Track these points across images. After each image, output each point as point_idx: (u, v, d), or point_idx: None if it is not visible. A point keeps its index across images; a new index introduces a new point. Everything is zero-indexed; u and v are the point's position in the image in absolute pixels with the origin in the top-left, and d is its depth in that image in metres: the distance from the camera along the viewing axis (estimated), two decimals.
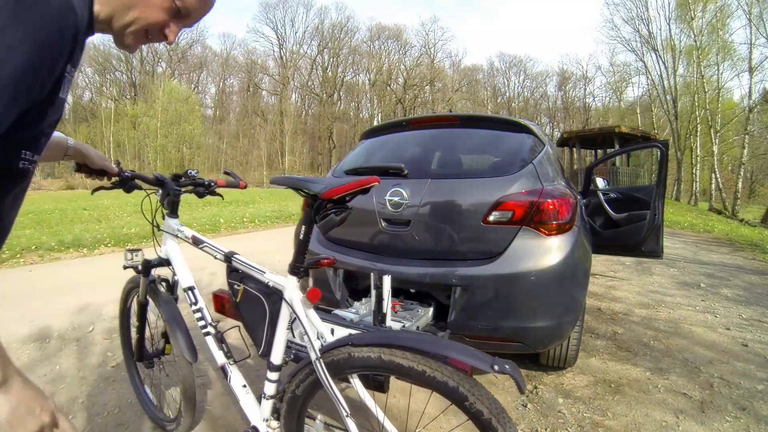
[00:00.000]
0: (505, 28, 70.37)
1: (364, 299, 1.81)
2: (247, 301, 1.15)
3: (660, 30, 24.45)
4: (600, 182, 3.81)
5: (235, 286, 1.18)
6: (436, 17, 62.95)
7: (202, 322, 1.25)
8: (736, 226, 11.23)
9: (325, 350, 0.95)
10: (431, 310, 1.83)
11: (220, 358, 1.23)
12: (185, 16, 0.70)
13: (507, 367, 0.77)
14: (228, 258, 1.17)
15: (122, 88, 36.70)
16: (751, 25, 17.12)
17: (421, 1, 67.63)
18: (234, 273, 1.19)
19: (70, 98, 37.94)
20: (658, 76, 24.62)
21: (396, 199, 1.88)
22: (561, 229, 1.72)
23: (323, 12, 41.64)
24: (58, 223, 7.65)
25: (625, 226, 3.24)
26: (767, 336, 2.73)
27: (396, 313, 1.70)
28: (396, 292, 1.87)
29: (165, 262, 1.37)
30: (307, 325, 0.97)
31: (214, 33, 71.82)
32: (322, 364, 0.93)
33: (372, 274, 1.46)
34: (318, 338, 0.99)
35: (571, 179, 4.83)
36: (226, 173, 1.60)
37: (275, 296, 1.08)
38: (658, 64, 24.35)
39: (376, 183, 0.99)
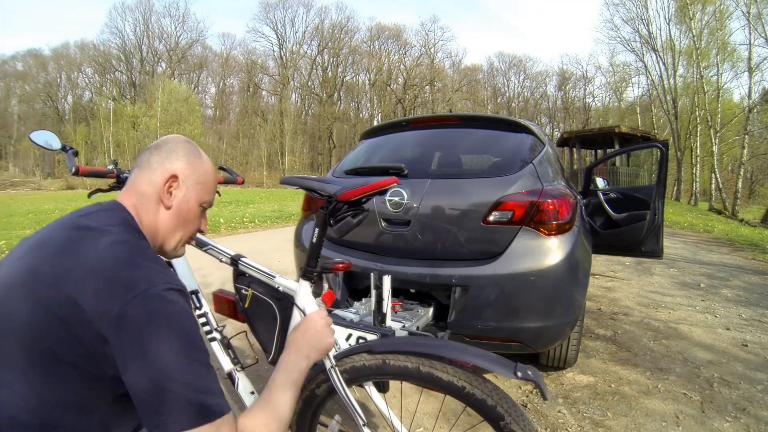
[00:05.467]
0: (505, 27, 70.41)
1: (364, 299, 1.81)
2: (256, 307, 1.11)
3: (660, 30, 24.44)
4: (600, 182, 3.81)
5: (243, 291, 1.14)
6: (436, 17, 62.85)
7: (207, 328, 1.21)
8: (736, 226, 11.22)
9: (341, 357, 0.91)
10: (431, 310, 1.83)
11: (226, 364, 1.19)
12: (207, 209, 0.86)
13: (530, 373, 0.75)
14: (235, 261, 1.13)
15: (122, 88, 36.71)
16: (750, 26, 17.12)
17: (421, 1, 67.65)
18: (241, 277, 1.15)
19: (70, 98, 37.80)
20: (658, 76, 24.63)
21: (396, 199, 1.87)
22: (561, 229, 1.72)
23: (323, 12, 41.43)
24: None
25: (625, 226, 3.24)
26: (767, 336, 2.73)
27: (396, 313, 1.70)
28: (396, 292, 1.87)
29: (167, 265, 1.35)
30: None
31: (214, 33, 72.10)
32: (337, 372, 0.90)
33: (372, 274, 1.46)
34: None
35: (571, 179, 4.82)
36: (221, 169, 1.56)
37: (286, 302, 1.04)
38: (658, 64, 24.36)
39: (395, 184, 0.97)
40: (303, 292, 0.97)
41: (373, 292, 1.43)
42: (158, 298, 0.59)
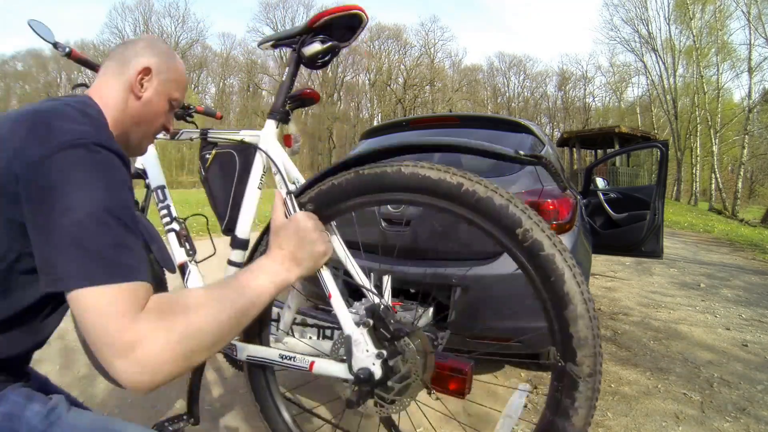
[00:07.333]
0: (505, 27, 70.42)
1: (364, 299, 1.80)
2: (216, 166, 1.10)
3: (659, 30, 24.45)
4: (600, 182, 3.81)
5: (206, 155, 1.12)
6: (436, 17, 62.77)
7: (166, 219, 1.14)
8: (736, 226, 11.23)
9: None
10: (431, 310, 1.82)
11: (180, 255, 1.10)
12: (176, 107, 0.86)
13: None
14: (204, 133, 1.14)
15: None
16: (750, 26, 17.13)
17: (421, 1, 67.66)
18: (207, 146, 1.15)
19: None
20: (658, 76, 24.66)
21: None
22: (561, 230, 1.72)
23: None
24: None
25: (625, 226, 3.24)
26: (767, 336, 2.73)
27: (396, 313, 1.70)
28: (396, 292, 1.87)
29: (142, 174, 1.25)
30: (283, 171, 0.93)
31: (214, 33, 72.11)
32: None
33: (372, 274, 1.46)
34: (293, 183, 0.95)
35: (571, 179, 4.82)
36: (200, 112, 1.60)
37: (248, 150, 1.02)
38: (658, 64, 24.40)
39: (359, 11, 0.91)
40: (267, 134, 0.95)
41: None
42: (89, 148, 0.54)
